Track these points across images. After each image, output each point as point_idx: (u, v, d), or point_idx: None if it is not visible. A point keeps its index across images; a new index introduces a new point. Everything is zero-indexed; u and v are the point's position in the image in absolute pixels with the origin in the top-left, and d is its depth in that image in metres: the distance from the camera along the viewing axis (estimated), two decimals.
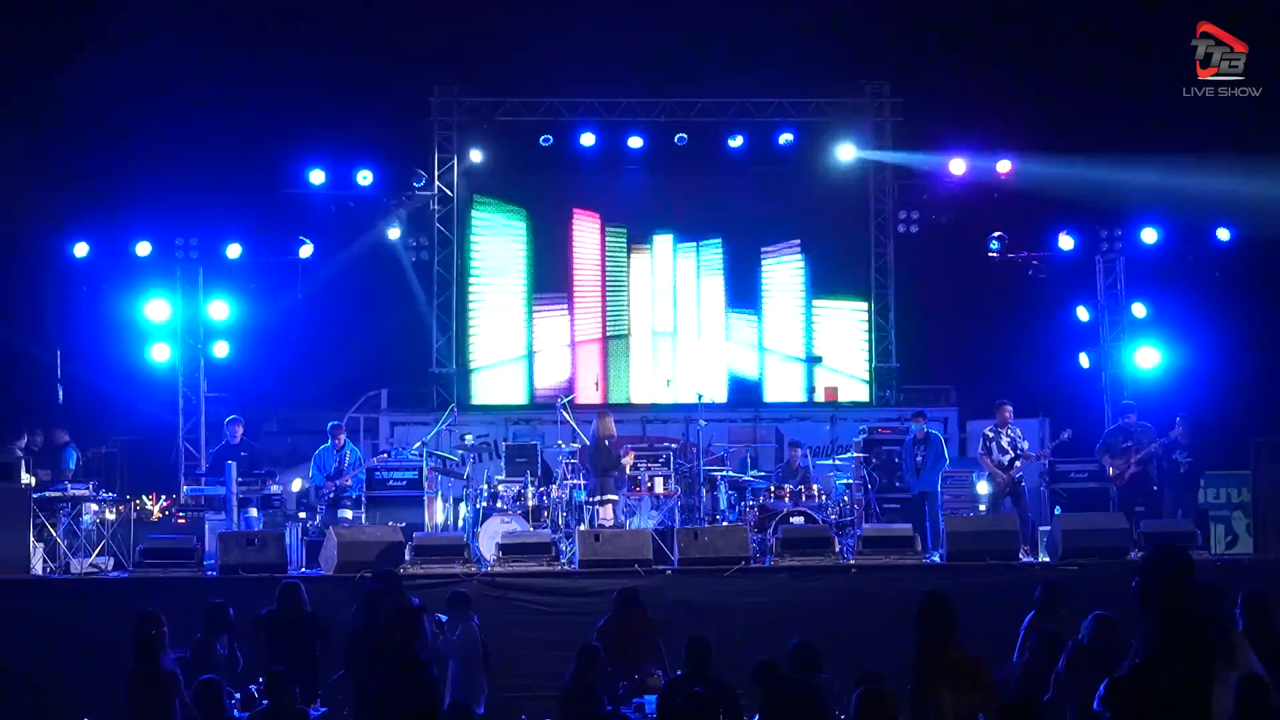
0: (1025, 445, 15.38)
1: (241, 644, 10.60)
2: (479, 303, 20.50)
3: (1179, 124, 17.80)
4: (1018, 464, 15.17)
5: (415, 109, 20.04)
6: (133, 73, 17.68)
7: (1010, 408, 15.54)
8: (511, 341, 20.53)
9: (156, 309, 18.57)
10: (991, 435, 15.34)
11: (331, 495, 15.14)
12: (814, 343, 20.55)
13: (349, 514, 14.95)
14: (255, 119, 18.52)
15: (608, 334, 20.57)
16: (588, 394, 19.70)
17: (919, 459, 15.67)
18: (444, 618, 10.62)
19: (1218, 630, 7.88)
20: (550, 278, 20.55)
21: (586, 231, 20.58)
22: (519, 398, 20.39)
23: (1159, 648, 5.03)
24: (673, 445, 16.48)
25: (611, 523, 14.55)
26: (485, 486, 15.35)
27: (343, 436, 15.55)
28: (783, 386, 20.55)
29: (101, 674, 11.02)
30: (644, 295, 20.57)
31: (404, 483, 15.61)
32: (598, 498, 14.73)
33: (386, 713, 8.64)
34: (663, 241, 20.58)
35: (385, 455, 16.19)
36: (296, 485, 16.57)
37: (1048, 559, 13.76)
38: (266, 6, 18.58)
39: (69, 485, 14.87)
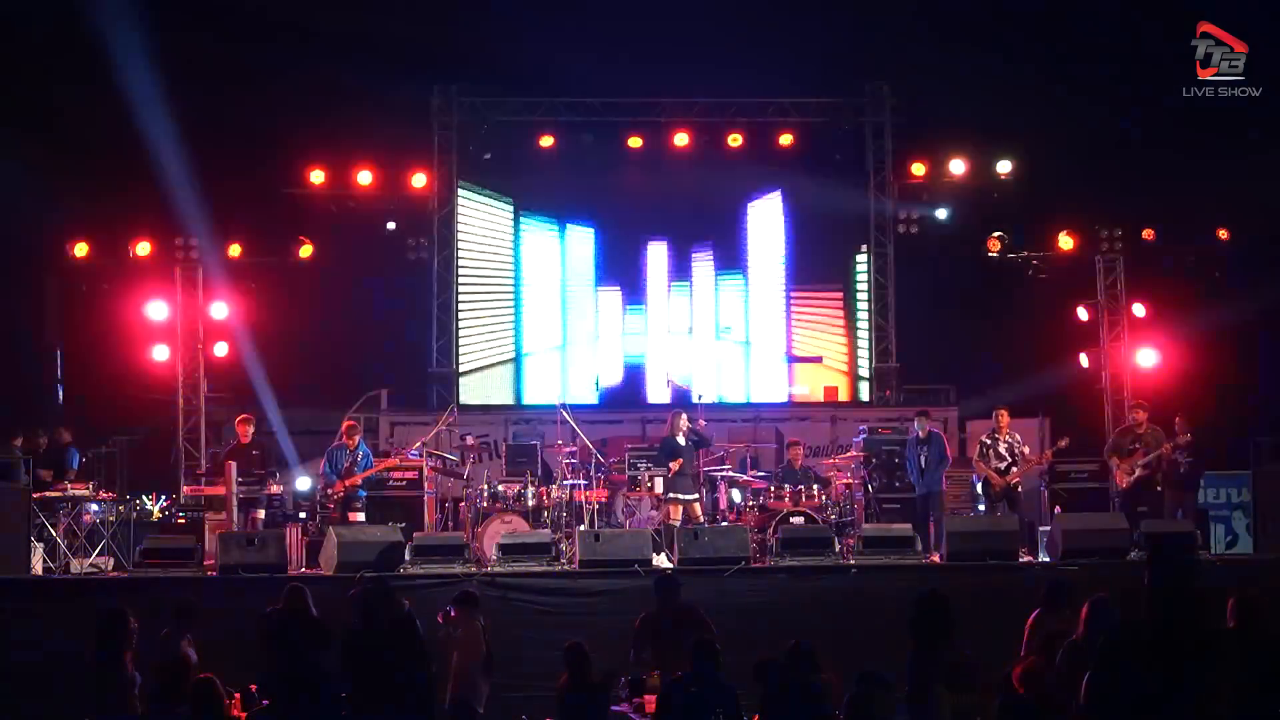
0: (1026, 450, 15.32)
1: (239, 641, 10.59)
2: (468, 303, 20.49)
3: (1179, 124, 17.81)
4: (1014, 469, 15.11)
5: (415, 109, 20.04)
6: (132, 72, 17.67)
7: (1007, 413, 15.41)
8: (503, 342, 20.50)
9: (156, 309, 18.57)
10: (989, 442, 15.25)
11: (341, 495, 15.07)
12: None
13: (361, 517, 14.88)
14: (255, 119, 18.52)
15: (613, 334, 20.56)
16: (586, 394, 19.73)
17: (923, 459, 15.62)
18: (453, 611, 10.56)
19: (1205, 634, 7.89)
20: (547, 279, 20.52)
21: (579, 234, 20.56)
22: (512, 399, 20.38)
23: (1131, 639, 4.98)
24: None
25: (700, 520, 14.60)
26: (485, 486, 15.35)
27: (357, 436, 15.45)
28: (771, 386, 20.54)
29: None
30: (655, 297, 20.56)
31: (404, 483, 15.61)
32: (672, 495, 14.82)
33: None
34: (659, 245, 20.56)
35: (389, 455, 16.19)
36: (304, 484, 16.51)
37: (1048, 559, 13.76)
38: (266, 6, 18.57)
39: (69, 485, 14.89)
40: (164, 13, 17.74)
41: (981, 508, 15.64)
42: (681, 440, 15.04)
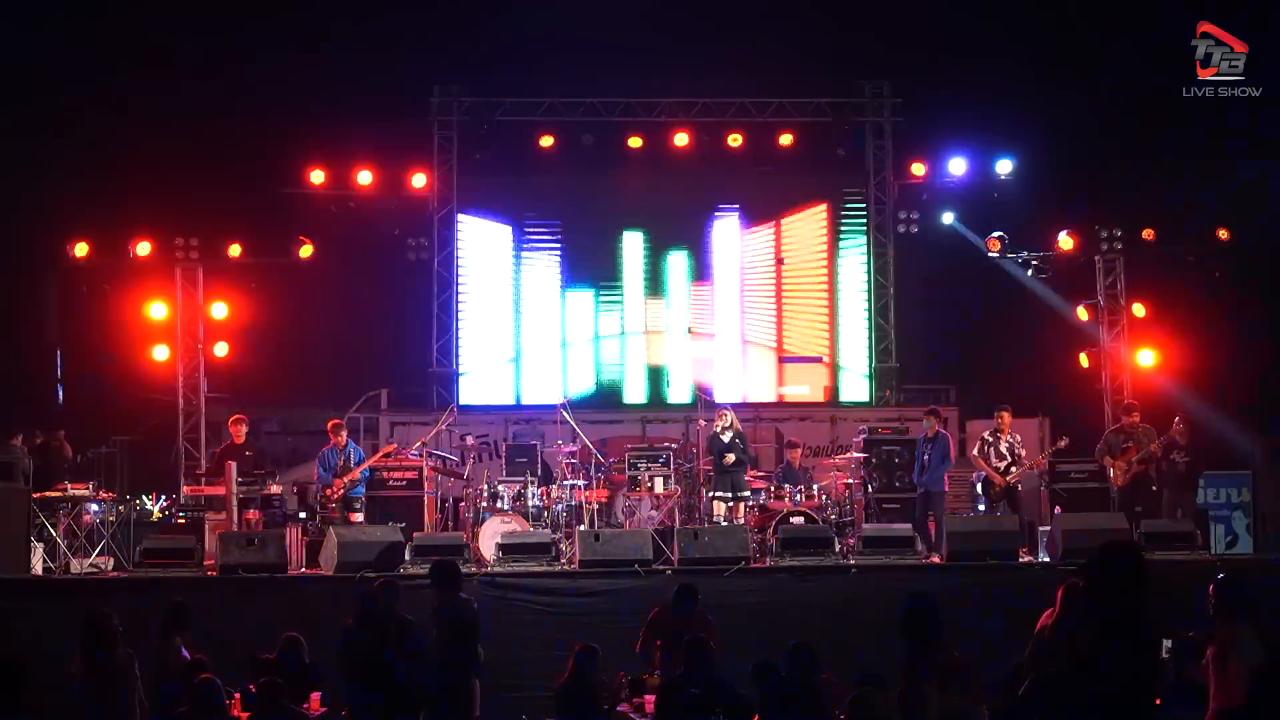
0: (1023, 452, 15.32)
1: (239, 641, 10.57)
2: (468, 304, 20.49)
3: (1179, 124, 17.80)
4: (1014, 469, 15.12)
5: (415, 109, 20.05)
6: (133, 72, 17.69)
7: (1010, 414, 15.42)
8: (502, 344, 20.48)
9: (156, 309, 18.56)
10: (990, 440, 15.26)
11: (341, 493, 15.05)
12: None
13: (360, 517, 14.88)
14: (255, 119, 18.52)
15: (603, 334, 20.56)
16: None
17: (925, 457, 15.61)
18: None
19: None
20: (546, 279, 20.52)
21: (579, 233, 20.55)
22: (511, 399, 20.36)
23: (1096, 643, 4.85)
24: (673, 445, 16.47)
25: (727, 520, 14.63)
26: (485, 486, 15.35)
27: (344, 434, 15.47)
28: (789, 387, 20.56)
29: None
30: (638, 295, 20.56)
31: (404, 483, 15.61)
32: (714, 494, 14.90)
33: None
34: (662, 243, 20.56)
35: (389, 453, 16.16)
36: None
37: (1048, 559, 13.76)
38: (266, 6, 18.59)
39: (69, 485, 14.88)
40: (164, 13, 17.76)
41: (981, 507, 15.63)
42: (726, 438, 15.04)
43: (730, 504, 14.87)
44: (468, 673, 9.77)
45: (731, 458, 15.04)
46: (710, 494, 15.10)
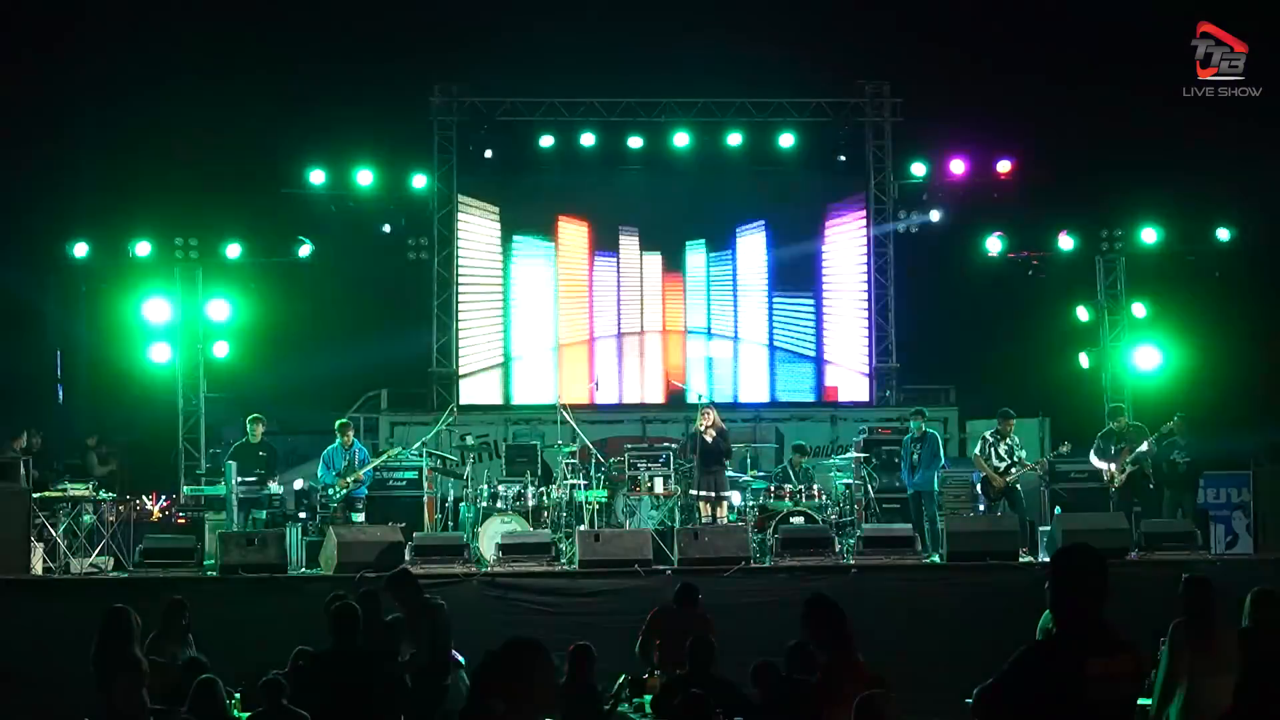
0: (1023, 454, 15.32)
1: (239, 641, 10.56)
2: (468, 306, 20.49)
3: (1179, 124, 17.81)
4: (1013, 470, 15.13)
5: (415, 109, 20.04)
6: (133, 72, 17.70)
7: (1013, 419, 15.46)
8: (498, 346, 20.47)
9: (156, 309, 18.54)
10: (991, 440, 15.28)
11: (344, 494, 15.07)
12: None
13: (361, 518, 14.89)
14: (255, 119, 18.52)
15: (610, 334, 20.53)
16: (582, 395, 19.75)
17: (915, 457, 15.63)
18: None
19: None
20: (546, 279, 20.51)
21: (580, 234, 20.53)
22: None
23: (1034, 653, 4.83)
24: (673, 445, 16.45)
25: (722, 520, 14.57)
26: (485, 486, 15.35)
27: (351, 435, 15.49)
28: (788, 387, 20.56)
29: None
30: (652, 296, 20.54)
31: (404, 483, 15.61)
32: (695, 493, 14.83)
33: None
34: (661, 243, 20.54)
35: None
36: (298, 484, 16.51)
37: (1047, 559, 13.75)
38: (266, 6, 18.60)
39: (69, 485, 14.89)
40: (163, 12, 17.77)
41: (981, 507, 15.65)
42: (709, 438, 15.03)
43: (713, 503, 14.84)
44: (444, 674, 9.72)
45: (727, 467, 15.07)
46: (693, 492, 15.05)
